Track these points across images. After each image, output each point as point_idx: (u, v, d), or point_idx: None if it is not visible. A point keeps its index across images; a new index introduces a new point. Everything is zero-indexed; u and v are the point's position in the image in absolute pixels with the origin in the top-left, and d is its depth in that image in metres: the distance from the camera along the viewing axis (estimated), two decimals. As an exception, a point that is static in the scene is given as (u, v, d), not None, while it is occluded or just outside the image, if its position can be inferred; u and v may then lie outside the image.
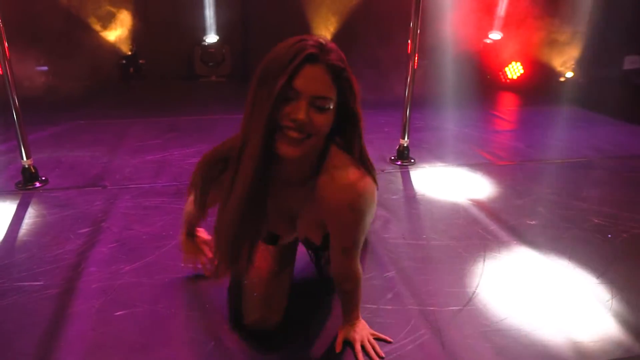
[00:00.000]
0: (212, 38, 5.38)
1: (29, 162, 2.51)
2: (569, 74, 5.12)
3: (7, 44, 2.31)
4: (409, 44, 2.72)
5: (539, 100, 4.73)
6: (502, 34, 5.21)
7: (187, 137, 3.39)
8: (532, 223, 2.22)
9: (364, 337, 1.41)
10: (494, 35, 5.24)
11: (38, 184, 2.53)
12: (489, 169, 2.91)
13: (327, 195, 1.19)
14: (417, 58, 2.76)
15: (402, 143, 2.94)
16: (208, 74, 5.38)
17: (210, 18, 5.37)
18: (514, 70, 5.12)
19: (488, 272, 1.82)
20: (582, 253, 1.96)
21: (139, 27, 5.20)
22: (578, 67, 5.08)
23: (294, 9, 4.96)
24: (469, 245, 2.00)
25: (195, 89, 5.16)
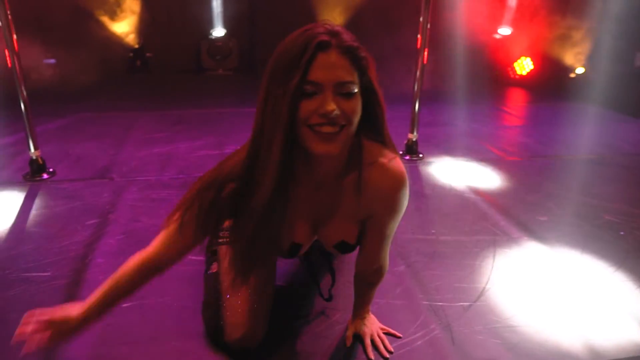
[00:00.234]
0: (219, 31, 5.37)
1: (37, 153, 2.52)
2: (580, 70, 5.06)
3: (15, 37, 2.31)
4: (419, 39, 2.69)
5: (549, 96, 4.67)
6: (511, 29, 5.15)
7: (193, 130, 3.38)
8: (542, 219, 2.19)
9: (374, 331, 1.40)
10: (503, 31, 5.18)
11: (45, 176, 2.53)
12: (499, 165, 2.88)
13: (380, 186, 1.15)
14: (426, 53, 2.73)
15: (410, 138, 2.91)
16: (215, 68, 5.37)
17: (218, 11, 5.35)
18: (524, 66, 5.07)
19: (498, 268, 1.80)
20: (594, 249, 1.93)
21: (146, 20, 5.20)
22: (589, 63, 5.01)
23: (302, 2, 4.92)
24: (479, 241, 1.98)
25: (202, 83, 5.14)
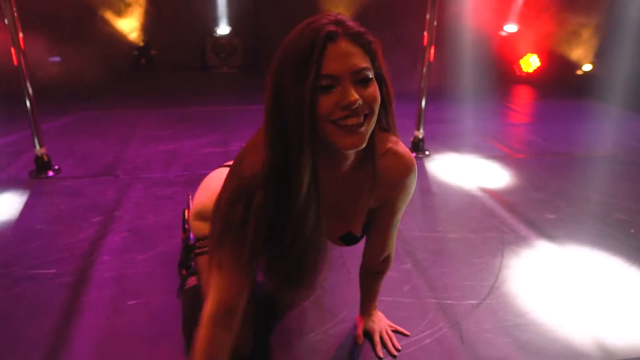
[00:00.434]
0: (224, 29, 5.36)
1: (42, 151, 2.51)
2: (587, 67, 5.01)
3: (21, 35, 2.30)
4: (426, 36, 2.67)
5: (557, 94, 4.64)
6: (518, 27, 5.11)
7: (198, 127, 3.38)
8: (551, 217, 2.17)
9: (382, 328, 1.38)
10: (510, 27, 5.15)
11: (51, 173, 2.53)
12: (506, 162, 2.85)
13: (394, 174, 1.16)
14: (433, 50, 2.70)
15: (417, 135, 2.89)
16: (220, 65, 5.37)
17: (222, 9, 5.35)
18: (530, 63, 5.03)
19: (506, 265, 1.78)
20: (604, 248, 1.90)
21: (151, 18, 5.20)
22: (597, 60, 4.97)
23: (306, 0, 4.90)
24: (486, 239, 1.96)
25: (207, 80, 5.14)
